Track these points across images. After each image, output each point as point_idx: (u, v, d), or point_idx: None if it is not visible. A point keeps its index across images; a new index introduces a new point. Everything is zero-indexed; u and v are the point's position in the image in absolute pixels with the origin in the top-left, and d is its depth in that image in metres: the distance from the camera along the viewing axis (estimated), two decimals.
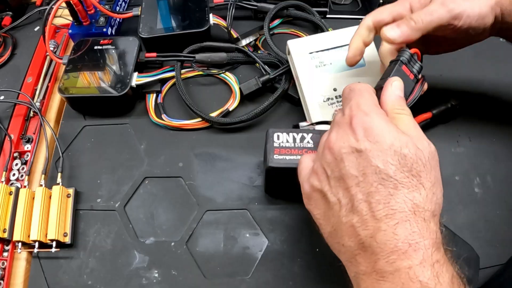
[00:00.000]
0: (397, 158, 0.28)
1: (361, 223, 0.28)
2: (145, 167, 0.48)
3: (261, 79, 0.51)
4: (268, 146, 0.38)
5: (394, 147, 0.28)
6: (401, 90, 0.33)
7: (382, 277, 0.27)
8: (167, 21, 0.56)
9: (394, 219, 0.27)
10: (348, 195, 0.29)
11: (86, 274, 0.42)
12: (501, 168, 0.48)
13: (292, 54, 0.49)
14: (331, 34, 0.50)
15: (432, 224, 0.28)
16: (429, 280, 0.26)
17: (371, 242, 0.27)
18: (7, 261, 0.43)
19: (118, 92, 0.49)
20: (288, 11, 0.59)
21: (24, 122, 0.52)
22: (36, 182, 0.48)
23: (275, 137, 0.38)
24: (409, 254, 0.26)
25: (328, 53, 0.49)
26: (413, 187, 0.28)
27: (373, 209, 0.28)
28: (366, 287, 0.28)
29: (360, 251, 0.28)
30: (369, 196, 0.28)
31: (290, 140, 0.38)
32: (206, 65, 0.54)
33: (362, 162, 0.29)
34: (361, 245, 0.28)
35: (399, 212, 0.27)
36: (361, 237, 0.28)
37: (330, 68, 0.48)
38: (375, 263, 0.27)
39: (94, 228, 0.45)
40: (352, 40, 0.40)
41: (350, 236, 0.29)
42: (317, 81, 0.47)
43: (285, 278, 0.41)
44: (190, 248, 0.43)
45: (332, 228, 0.31)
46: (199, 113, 0.49)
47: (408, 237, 0.27)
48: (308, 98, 0.47)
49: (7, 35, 0.62)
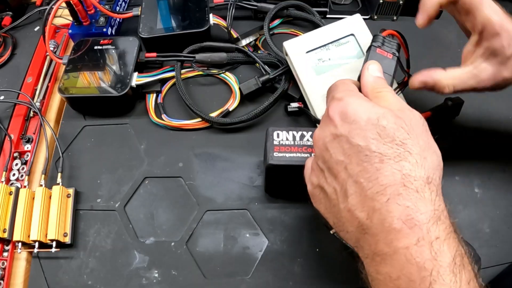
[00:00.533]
0: (376, 131, 0.28)
1: (357, 205, 0.28)
2: (145, 167, 0.48)
3: (261, 79, 0.51)
4: (268, 144, 0.38)
5: (371, 121, 0.28)
6: (379, 71, 0.34)
7: (382, 260, 0.26)
8: (167, 21, 0.56)
9: (386, 195, 0.26)
10: (340, 181, 0.29)
11: (86, 274, 0.42)
12: (501, 168, 0.48)
13: (289, 55, 0.49)
14: (325, 29, 0.50)
15: (427, 194, 0.26)
16: (427, 262, 0.25)
17: (369, 224, 0.27)
18: (7, 261, 0.43)
19: (118, 92, 0.49)
20: (288, 11, 0.59)
21: (24, 122, 0.52)
22: (36, 182, 0.48)
23: (275, 135, 0.38)
24: (405, 232, 0.25)
25: (325, 49, 0.49)
26: (399, 156, 0.27)
27: (365, 188, 0.27)
28: (370, 271, 0.28)
29: (361, 234, 0.28)
30: (358, 177, 0.28)
31: (290, 138, 0.38)
32: (206, 65, 0.54)
33: (344, 145, 0.29)
34: (360, 228, 0.28)
35: (390, 186, 0.26)
36: (359, 219, 0.28)
37: (329, 64, 0.48)
38: (375, 246, 0.27)
39: (94, 228, 0.45)
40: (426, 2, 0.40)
41: (351, 222, 0.29)
42: (317, 79, 0.48)
43: (285, 278, 0.41)
44: (190, 248, 0.43)
45: (335, 218, 0.30)
46: (199, 113, 0.49)
47: (402, 213, 0.26)
48: (311, 96, 0.47)
49: (7, 35, 0.62)
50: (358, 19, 0.50)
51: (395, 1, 0.61)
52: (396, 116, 0.28)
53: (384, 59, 0.37)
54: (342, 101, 0.30)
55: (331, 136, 0.30)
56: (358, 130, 0.28)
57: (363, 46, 0.48)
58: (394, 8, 0.62)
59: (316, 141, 0.32)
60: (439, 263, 0.24)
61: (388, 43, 0.38)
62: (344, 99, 0.30)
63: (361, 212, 0.27)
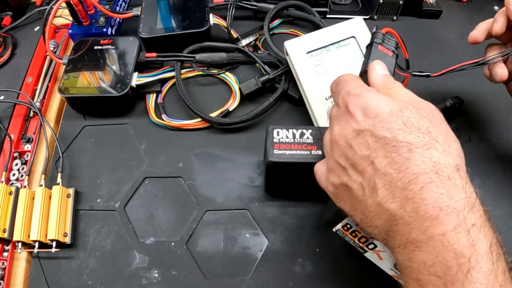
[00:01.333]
0: (401, 122, 0.28)
1: (387, 198, 0.27)
2: (145, 167, 0.48)
3: (261, 79, 0.51)
4: (268, 142, 0.38)
5: (394, 113, 0.28)
6: (385, 69, 0.34)
7: (416, 247, 0.26)
8: (167, 21, 0.56)
9: (418, 183, 0.26)
10: (367, 175, 0.29)
11: (86, 274, 0.42)
12: (501, 169, 0.48)
13: (290, 55, 0.49)
14: (327, 31, 0.50)
15: (458, 181, 0.26)
16: (464, 249, 0.24)
17: (402, 212, 0.27)
18: (7, 261, 0.43)
19: (118, 92, 0.49)
20: (288, 11, 0.59)
21: (24, 122, 0.52)
22: (36, 182, 0.48)
23: (275, 133, 0.38)
24: (441, 219, 0.25)
25: (325, 50, 0.49)
26: (427, 144, 0.27)
27: (395, 179, 0.27)
28: (403, 260, 0.27)
29: (392, 226, 0.28)
30: (386, 168, 0.27)
31: (290, 136, 0.38)
32: (206, 65, 0.54)
33: (369, 139, 0.29)
34: (392, 220, 0.28)
35: (421, 174, 0.26)
36: (390, 211, 0.27)
37: (329, 66, 0.48)
38: (409, 234, 0.27)
39: (94, 228, 0.45)
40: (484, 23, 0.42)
41: (380, 215, 0.28)
42: (318, 80, 0.47)
43: (285, 278, 0.41)
44: (190, 248, 0.43)
45: (362, 214, 0.30)
46: (199, 113, 0.49)
47: (437, 201, 0.25)
48: (311, 97, 0.47)
49: (7, 35, 0.62)
50: (360, 22, 0.50)
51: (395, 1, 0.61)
52: (416, 107, 0.28)
53: (385, 56, 0.37)
54: (361, 97, 0.30)
55: (354, 133, 0.29)
56: (382, 123, 0.28)
57: (363, 48, 0.48)
58: (394, 8, 0.62)
59: (336, 140, 0.31)
60: (476, 250, 0.24)
61: (388, 40, 0.38)
62: (363, 94, 0.30)
63: (392, 203, 0.27)
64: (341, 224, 0.35)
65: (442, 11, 0.64)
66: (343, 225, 0.35)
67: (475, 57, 0.60)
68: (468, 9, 0.68)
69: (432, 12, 0.64)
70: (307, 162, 0.37)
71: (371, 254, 0.36)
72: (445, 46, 0.60)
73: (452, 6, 0.68)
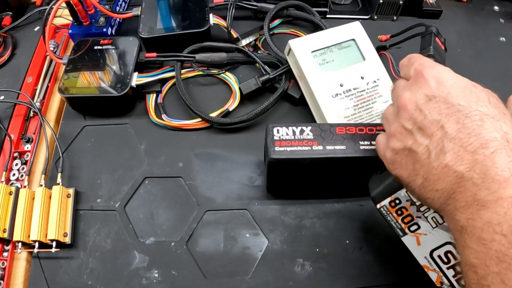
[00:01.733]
0: (475, 95, 0.29)
1: (456, 160, 0.28)
2: (145, 167, 0.48)
3: (261, 79, 0.51)
4: (268, 140, 0.38)
5: (468, 87, 0.30)
6: None
7: (482, 207, 0.27)
8: (167, 21, 0.56)
9: (490, 148, 0.27)
10: (435, 139, 0.30)
11: (86, 274, 0.42)
12: None
13: (295, 54, 0.49)
14: (328, 32, 0.51)
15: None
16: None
17: (471, 174, 0.28)
18: (7, 261, 0.43)
19: (118, 92, 0.49)
20: (288, 11, 0.59)
21: (24, 122, 0.52)
22: (36, 182, 0.48)
23: (275, 131, 0.39)
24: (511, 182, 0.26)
25: (328, 50, 0.50)
26: (498, 116, 0.28)
27: (465, 143, 0.28)
28: (465, 218, 0.28)
29: (458, 187, 0.29)
30: (458, 133, 0.29)
31: (290, 133, 0.39)
32: (206, 65, 0.54)
33: (441, 105, 0.30)
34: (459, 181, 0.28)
35: (492, 141, 0.27)
36: (458, 173, 0.28)
37: (333, 65, 0.49)
38: (475, 195, 0.27)
39: (94, 228, 0.45)
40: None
41: (444, 178, 0.29)
42: (323, 79, 0.48)
43: (285, 278, 0.42)
44: (190, 248, 0.43)
45: (423, 178, 0.31)
46: (199, 113, 0.49)
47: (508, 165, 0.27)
48: (318, 94, 0.48)
49: (7, 35, 0.62)
50: (358, 26, 0.52)
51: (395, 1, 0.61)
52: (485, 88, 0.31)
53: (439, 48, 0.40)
54: (435, 68, 0.32)
55: (426, 98, 0.31)
56: (457, 92, 0.30)
57: (363, 50, 0.50)
58: (394, 8, 0.62)
59: (405, 104, 0.32)
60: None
61: (440, 36, 0.41)
62: (437, 67, 0.32)
63: (460, 165, 0.28)
64: (389, 200, 0.35)
65: (442, 11, 0.64)
66: (391, 201, 0.35)
67: (475, 57, 0.60)
68: (468, 9, 0.68)
69: (432, 12, 0.64)
70: (308, 157, 0.37)
71: (410, 238, 0.36)
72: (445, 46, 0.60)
73: (452, 6, 0.68)
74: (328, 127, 0.39)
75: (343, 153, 0.38)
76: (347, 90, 0.48)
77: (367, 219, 0.45)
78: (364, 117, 0.47)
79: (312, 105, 0.50)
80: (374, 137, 0.39)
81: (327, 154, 0.38)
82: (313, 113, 0.50)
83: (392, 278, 0.41)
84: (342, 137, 0.39)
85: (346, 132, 0.39)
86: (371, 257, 0.42)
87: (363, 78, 0.49)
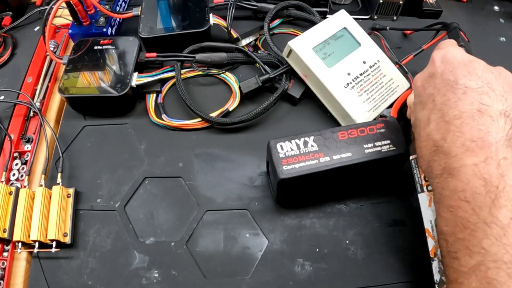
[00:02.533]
0: (466, 70, 0.32)
1: (435, 129, 0.31)
2: (145, 167, 0.48)
3: (261, 78, 0.51)
4: (275, 158, 0.38)
5: (464, 62, 0.32)
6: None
7: (450, 175, 0.29)
8: (167, 21, 0.56)
9: (461, 118, 0.29)
10: (426, 111, 0.33)
11: (86, 274, 0.42)
12: None
13: (298, 54, 0.49)
14: (322, 26, 0.52)
15: (501, 123, 0.29)
16: (493, 178, 0.26)
17: (443, 143, 0.30)
18: (7, 261, 0.43)
19: (118, 92, 0.49)
20: (288, 11, 0.59)
21: (24, 122, 0.52)
22: (36, 182, 0.48)
23: (279, 147, 0.39)
24: (475, 151, 0.28)
25: (326, 44, 0.51)
26: (481, 89, 0.30)
27: (444, 114, 0.31)
28: (439, 189, 0.30)
29: (433, 155, 0.31)
30: (442, 105, 0.31)
31: (295, 148, 0.39)
32: (206, 65, 0.54)
33: (436, 80, 0.33)
34: (434, 149, 0.31)
35: (466, 112, 0.29)
36: (434, 141, 0.31)
37: (335, 57, 0.51)
38: (445, 163, 0.30)
39: (94, 228, 0.45)
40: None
41: (426, 145, 0.32)
42: (331, 72, 0.50)
43: (285, 278, 0.41)
44: (190, 248, 0.43)
45: (417, 145, 0.35)
46: (199, 113, 0.49)
47: (473, 135, 0.28)
48: (332, 88, 0.49)
49: (7, 35, 0.62)
50: (344, 14, 0.54)
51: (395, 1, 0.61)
52: (488, 65, 0.32)
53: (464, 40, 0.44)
54: (444, 49, 0.35)
55: (429, 75, 0.35)
56: (451, 68, 0.32)
57: (356, 36, 0.53)
58: (394, 8, 0.62)
59: (415, 81, 0.37)
60: (505, 180, 0.26)
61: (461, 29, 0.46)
62: (446, 47, 0.35)
63: (437, 134, 0.31)
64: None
65: (442, 11, 0.64)
66: None
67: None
68: (468, 9, 0.68)
69: (432, 12, 0.64)
70: (318, 171, 0.38)
71: (425, 196, 0.38)
72: None
73: (452, 6, 0.68)
74: (330, 134, 0.40)
75: (350, 160, 0.38)
76: (355, 77, 0.50)
77: (367, 219, 0.45)
78: (377, 99, 0.49)
79: (325, 100, 0.51)
80: (376, 137, 0.40)
81: (335, 165, 0.38)
82: (327, 107, 0.51)
83: (392, 278, 0.41)
84: (346, 143, 0.39)
85: (349, 137, 0.39)
86: (371, 257, 0.42)
87: (365, 63, 0.51)
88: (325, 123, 0.51)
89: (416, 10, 0.64)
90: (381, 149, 0.39)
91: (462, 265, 0.27)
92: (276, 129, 0.51)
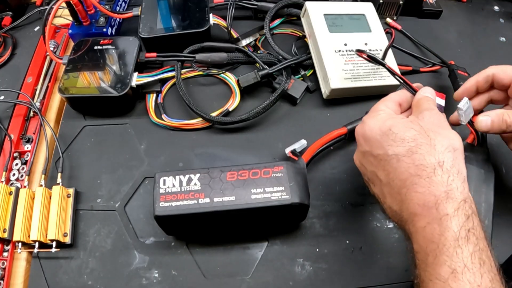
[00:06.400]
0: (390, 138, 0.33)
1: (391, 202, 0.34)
2: (145, 167, 0.48)
3: (260, 73, 0.51)
4: (154, 193, 0.37)
5: (384, 132, 0.34)
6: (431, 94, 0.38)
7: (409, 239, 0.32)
8: (167, 21, 0.56)
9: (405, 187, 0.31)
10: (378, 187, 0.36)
11: (86, 274, 0.42)
12: (499, 168, 0.48)
13: (309, 14, 0.54)
14: (345, 4, 0.58)
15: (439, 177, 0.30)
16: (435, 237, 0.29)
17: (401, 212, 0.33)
18: (7, 261, 0.43)
19: (118, 92, 0.49)
20: (288, 9, 0.59)
21: (24, 122, 0.52)
22: (36, 182, 0.48)
23: (161, 182, 0.37)
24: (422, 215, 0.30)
25: (339, 17, 0.56)
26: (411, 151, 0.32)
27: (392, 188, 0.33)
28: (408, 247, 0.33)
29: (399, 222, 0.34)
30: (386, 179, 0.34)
31: (177, 184, 0.37)
32: (206, 65, 0.54)
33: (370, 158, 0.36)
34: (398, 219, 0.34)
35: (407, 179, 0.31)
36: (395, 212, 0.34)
37: (341, 29, 0.55)
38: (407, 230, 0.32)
39: (94, 228, 0.45)
40: (468, 80, 0.43)
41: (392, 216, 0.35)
42: (330, 36, 0.53)
43: (285, 278, 0.41)
44: (190, 248, 0.43)
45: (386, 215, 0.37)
46: (199, 112, 0.49)
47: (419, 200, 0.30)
48: (324, 49, 0.52)
49: (7, 35, 0.62)
50: (371, 7, 0.58)
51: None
52: (406, 122, 0.34)
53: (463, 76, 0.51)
54: (363, 123, 0.37)
55: (361, 154, 0.37)
56: (376, 143, 0.35)
57: (371, 25, 0.56)
58: (394, 8, 0.62)
59: (355, 161, 0.39)
60: (445, 237, 0.28)
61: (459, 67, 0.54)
62: (364, 121, 0.37)
63: (395, 206, 0.33)
64: None
65: (442, 11, 0.64)
66: None
67: (475, 57, 0.60)
68: (468, 9, 0.68)
69: (432, 12, 0.64)
70: (194, 213, 0.36)
71: None
72: (445, 46, 0.60)
73: (452, 6, 0.68)
74: (218, 173, 0.38)
75: (232, 205, 0.36)
76: (349, 49, 0.53)
77: (367, 219, 0.45)
78: (361, 74, 0.51)
79: (316, 61, 0.54)
80: (270, 181, 0.37)
81: (214, 208, 0.36)
82: (316, 70, 0.54)
83: (392, 278, 0.41)
84: (232, 185, 0.37)
85: (238, 178, 0.37)
86: (371, 257, 0.42)
87: (366, 45, 0.54)
88: (325, 123, 0.51)
89: (416, 10, 0.64)
90: (271, 196, 0.36)
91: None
92: (276, 129, 0.51)
